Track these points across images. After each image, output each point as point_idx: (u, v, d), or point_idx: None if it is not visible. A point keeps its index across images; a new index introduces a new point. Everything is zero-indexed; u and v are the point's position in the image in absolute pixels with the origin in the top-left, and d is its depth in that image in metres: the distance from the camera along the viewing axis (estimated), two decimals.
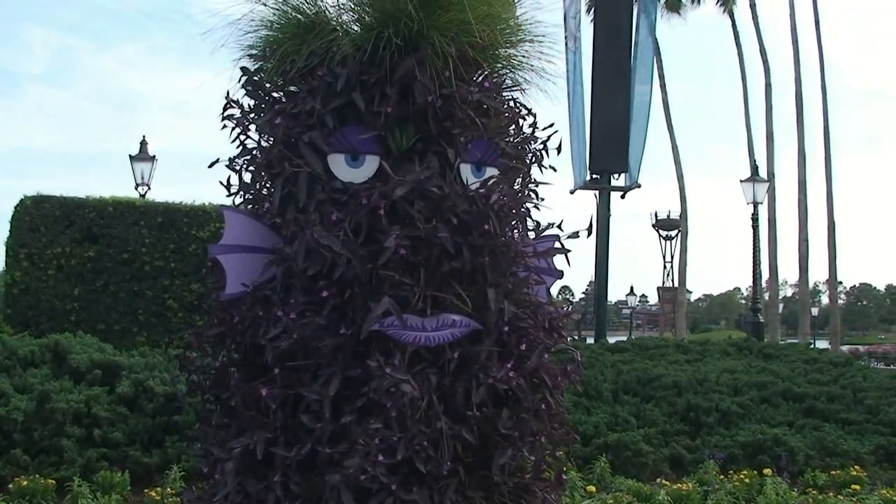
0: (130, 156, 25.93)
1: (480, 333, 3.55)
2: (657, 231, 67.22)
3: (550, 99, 4.04)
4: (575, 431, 4.67)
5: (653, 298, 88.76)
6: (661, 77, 41.86)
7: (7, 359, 8.69)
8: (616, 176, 20.93)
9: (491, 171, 3.75)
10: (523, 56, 3.99)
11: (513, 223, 3.80)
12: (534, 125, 4.08)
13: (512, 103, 3.99)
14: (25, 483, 6.78)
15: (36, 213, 12.59)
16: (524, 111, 4.03)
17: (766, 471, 8.43)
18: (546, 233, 3.95)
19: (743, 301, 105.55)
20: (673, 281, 58.96)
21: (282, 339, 3.36)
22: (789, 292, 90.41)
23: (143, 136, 26.32)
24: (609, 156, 19.83)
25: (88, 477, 7.17)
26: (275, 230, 3.57)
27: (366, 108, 3.54)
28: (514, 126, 3.96)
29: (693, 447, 9.26)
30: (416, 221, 3.41)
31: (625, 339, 19.81)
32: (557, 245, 3.95)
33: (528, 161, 4.02)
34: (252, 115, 3.85)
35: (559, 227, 3.99)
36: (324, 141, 3.55)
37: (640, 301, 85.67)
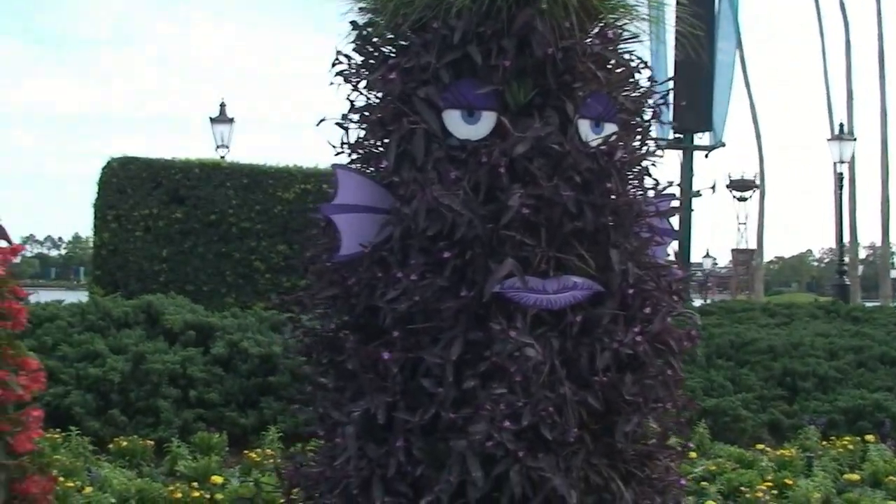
0: (211, 118, 26.16)
1: (602, 296, 3.41)
2: (731, 192, 65.96)
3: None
4: None
5: (721, 261, 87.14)
6: (738, 33, 40.85)
7: (101, 319, 8.78)
8: (700, 135, 20.55)
9: (610, 128, 3.58)
10: (640, 4, 3.83)
11: (633, 181, 3.65)
12: (651, 79, 3.92)
13: (628, 56, 3.83)
14: (125, 444, 6.85)
15: (123, 175, 12.74)
16: (641, 64, 3.86)
17: (868, 437, 8.19)
18: (665, 191, 3.79)
19: (815, 263, 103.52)
20: (747, 242, 57.95)
21: (401, 301, 3.26)
22: (864, 254, 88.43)
23: (223, 99, 26.55)
24: (693, 114, 19.42)
25: (185, 438, 7.21)
26: (389, 189, 3.47)
27: (482, 62, 3.40)
28: (631, 80, 3.80)
29: (791, 412, 9.06)
30: (539, 179, 3.28)
31: (700, 303, 19.53)
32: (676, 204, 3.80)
33: (645, 117, 3.85)
34: (362, 71, 3.75)
35: (677, 185, 3.84)
36: (439, 96, 3.42)
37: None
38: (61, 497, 4.97)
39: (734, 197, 65.86)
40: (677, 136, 19.87)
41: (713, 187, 3.81)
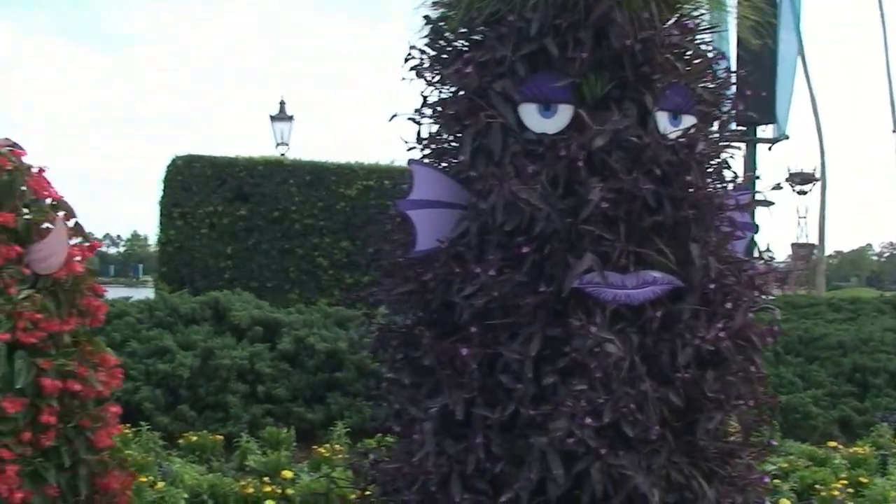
0: (271, 116, 26.33)
1: (682, 291, 3.36)
2: (791, 185, 64.83)
3: None
4: None
5: (778, 255, 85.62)
6: (799, 24, 40.11)
7: (169, 316, 8.86)
8: (762, 127, 20.23)
9: (688, 120, 3.52)
10: None
11: (713, 174, 3.58)
12: (728, 70, 3.86)
13: (705, 46, 3.76)
14: (195, 439, 6.89)
15: (188, 173, 12.86)
16: (718, 54, 3.79)
17: None
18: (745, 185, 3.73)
19: (875, 258, 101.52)
20: (807, 237, 56.90)
21: (478, 296, 3.23)
22: None
23: (282, 97, 26.73)
24: (756, 106, 19.11)
25: (254, 433, 7.24)
26: (465, 184, 3.44)
27: (559, 55, 3.36)
28: (709, 70, 3.73)
29: (862, 409, 8.86)
30: (618, 173, 3.23)
31: None
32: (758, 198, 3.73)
33: (723, 108, 3.79)
34: (435, 66, 3.72)
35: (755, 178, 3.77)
36: (515, 90, 3.39)
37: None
38: (135, 492, 5.01)
39: (794, 190, 64.78)
40: (741, 127, 19.57)
41: (779, 185, 3.75)
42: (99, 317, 3.56)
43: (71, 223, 3.49)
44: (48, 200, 3.52)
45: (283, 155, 24.15)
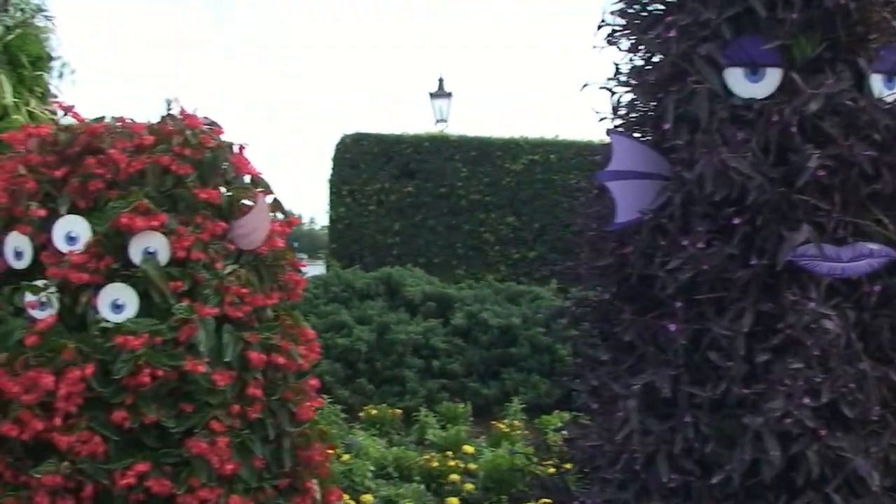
0: (430, 93, 26.50)
1: None
2: None
3: None
4: None
5: None
6: None
7: (343, 291, 9.02)
8: None
9: None
10: None
11: None
12: None
13: None
14: (374, 412, 6.99)
15: (356, 151, 13.04)
16: None
17: None
18: None
19: None
20: None
21: (684, 269, 3.10)
22: None
23: (441, 75, 26.82)
24: None
25: (430, 407, 7.30)
26: (665, 154, 3.32)
27: (766, 16, 3.19)
28: None
29: None
30: (835, 139, 3.05)
31: None
32: None
33: None
34: (630, 33, 3.61)
35: None
36: (720, 54, 3.24)
37: None
38: None
39: None
40: None
41: None
42: (297, 291, 3.60)
43: (269, 199, 3.54)
44: (246, 177, 3.58)
45: (441, 132, 24.41)
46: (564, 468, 3.94)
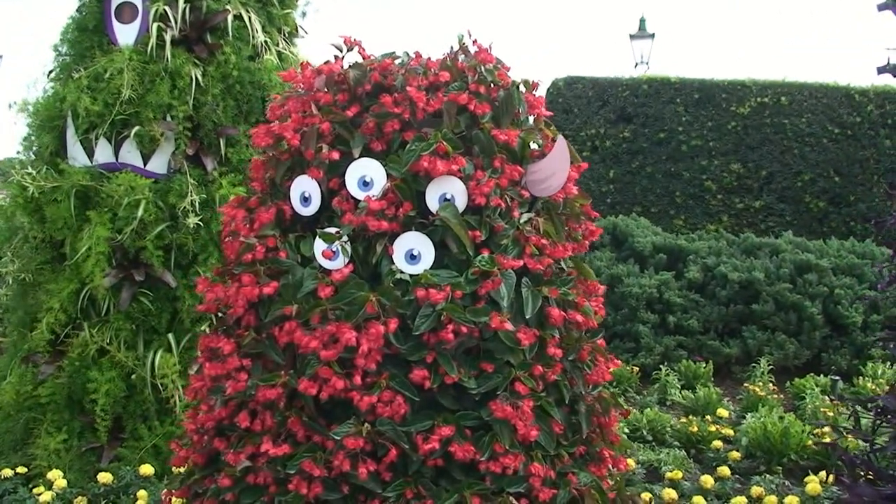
0: (630, 34, 25.68)
1: None
2: None
3: None
4: None
5: None
6: None
7: None
8: None
9: None
10: None
11: None
12: None
13: None
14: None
15: (569, 95, 12.64)
16: None
17: None
18: None
19: None
20: None
21: None
22: None
23: (642, 15, 25.96)
24: None
25: (667, 365, 6.94)
26: None
27: None
28: None
29: None
30: None
31: None
32: None
33: None
34: None
35: None
36: None
37: None
38: None
39: None
40: None
41: None
42: (585, 243, 3.31)
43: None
44: (531, 118, 3.29)
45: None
46: (875, 443, 3.50)
